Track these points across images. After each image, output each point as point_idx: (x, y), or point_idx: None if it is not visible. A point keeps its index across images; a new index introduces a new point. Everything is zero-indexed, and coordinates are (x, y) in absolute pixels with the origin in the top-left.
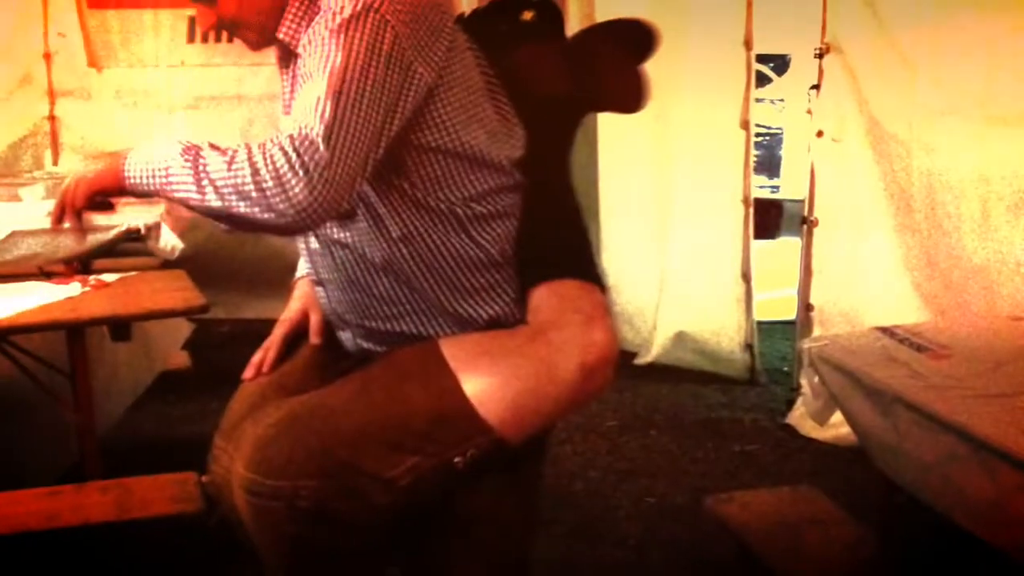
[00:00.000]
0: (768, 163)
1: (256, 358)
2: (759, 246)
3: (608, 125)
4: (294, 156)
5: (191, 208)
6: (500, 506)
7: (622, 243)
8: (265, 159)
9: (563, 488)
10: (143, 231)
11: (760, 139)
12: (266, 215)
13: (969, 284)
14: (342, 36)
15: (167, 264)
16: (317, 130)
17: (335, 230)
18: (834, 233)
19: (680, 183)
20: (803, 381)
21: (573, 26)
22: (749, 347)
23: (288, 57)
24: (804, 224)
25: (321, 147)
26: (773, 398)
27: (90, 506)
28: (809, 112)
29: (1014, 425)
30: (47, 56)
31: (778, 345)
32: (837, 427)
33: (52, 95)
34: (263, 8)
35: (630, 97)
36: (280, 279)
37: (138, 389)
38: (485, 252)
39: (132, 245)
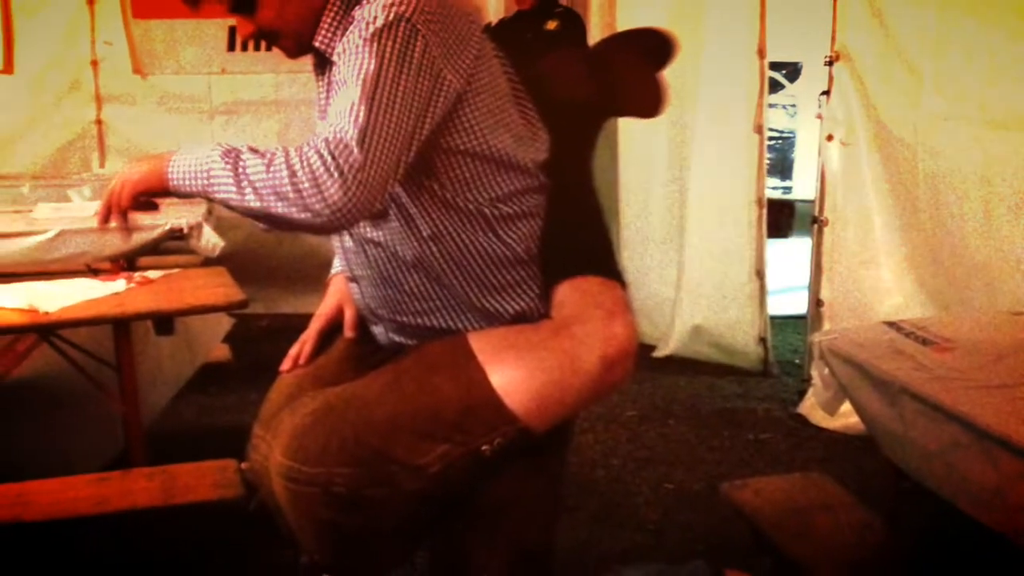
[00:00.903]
0: (781, 165)
1: (293, 351)
2: (772, 244)
3: (628, 130)
4: (329, 159)
5: (231, 208)
6: (525, 492)
7: (641, 242)
8: (302, 161)
9: (585, 475)
10: (186, 230)
11: (773, 142)
12: (303, 215)
13: (971, 280)
14: (375, 44)
15: (208, 261)
16: (351, 134)
17: (368, 229)
18: (843, 232)
19: (697, 184)
20: (814, 373)
21: (595, 35)
22: (763, 341)
23: (324, 64)
24: (815, 223)
25: (355, 150)
26: (785, 389)
27: (137, 491)
28: (819, 117)
29: (1015, 415)
30: (94, 64)
31: (790, 338)
32: (846, 417)
33: (99, 100)
34: (300, 18)
35: (649, 103)
36: (316, 276)
37: (181, 381)
38: (511, 250)
39: (175, 243)
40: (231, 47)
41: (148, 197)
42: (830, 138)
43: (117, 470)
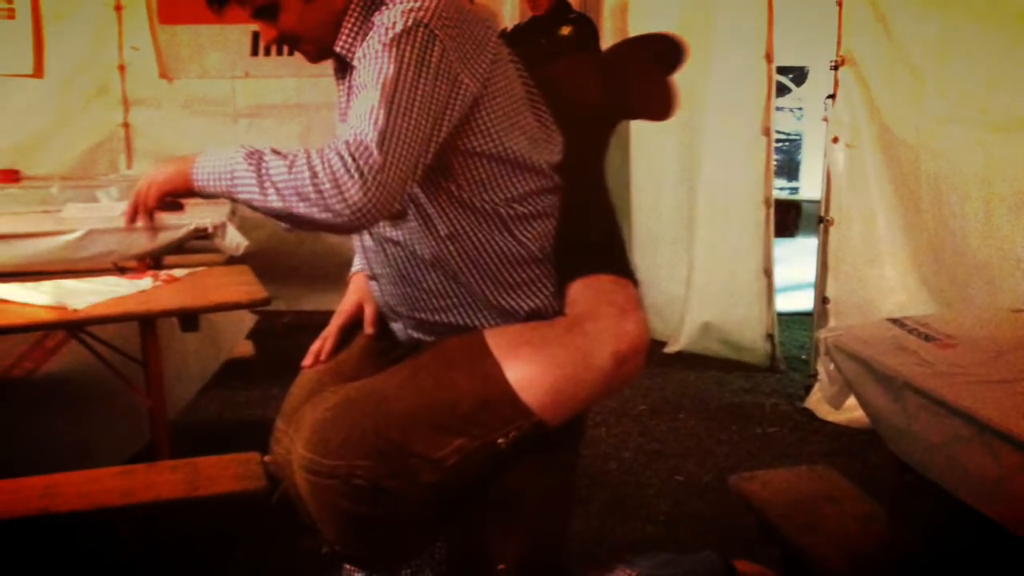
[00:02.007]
0: (788, 167)
1: (314, 347)
2: (779, 243)
3: (640, 132)
4: (350, 160)
5: (254, 208)
6: (539, 484)
7: (652, 241)
8: (323, 163)
9: (598, 467)
10: (210, 229)
11: (780, 144)
12: (324, 215)
13: (973, 279)
14: (394, 49)
15: (232, 260)
16: (371, 136)
17: (388, 229)
18: (848, 231)
19: (706, 185)
20: (820, 368)
21: (608, 40)
22: (770, 337)
23: (344, 69)
24: (821, 223)
25: (375, 152)
26: (792, 384)
27: (161, 484)
28: (825, 120)
29: (1015, 409)
30: (121, 68)
31: (797, 335)
32: (851, 411)
33: (126, 104)
34: (321, 23)
35: (660, 106)
36: (337, 274)
37: (205, 376)
38: (526, 249)
39: (200, 243)
40: (254, 52)
41: (174, 198)
42: (836, 140)
43: (143, 463)
